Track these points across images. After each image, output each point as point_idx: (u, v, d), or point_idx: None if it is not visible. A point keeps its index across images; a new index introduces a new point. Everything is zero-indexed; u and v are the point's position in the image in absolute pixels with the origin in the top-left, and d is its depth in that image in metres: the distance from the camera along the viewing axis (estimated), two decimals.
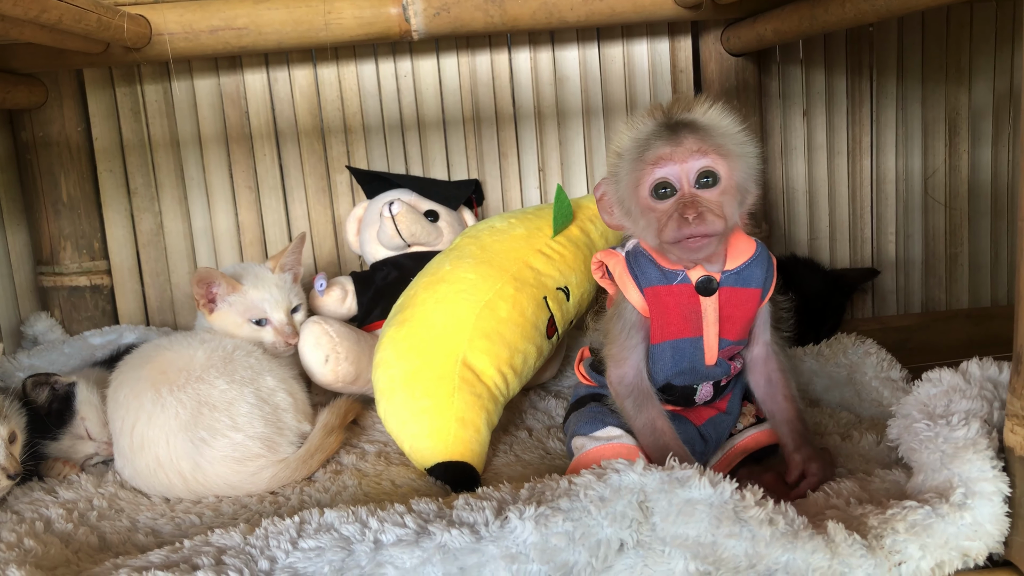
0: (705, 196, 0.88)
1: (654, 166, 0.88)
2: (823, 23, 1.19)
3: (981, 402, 0.81)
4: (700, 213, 0.87)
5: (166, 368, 1.10)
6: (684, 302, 0.94)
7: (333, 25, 1.41)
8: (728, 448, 1.03)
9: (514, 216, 1.32)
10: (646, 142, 0.89)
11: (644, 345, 0.97)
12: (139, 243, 1.61)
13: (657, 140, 0.88)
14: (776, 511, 0.73)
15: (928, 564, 0.71)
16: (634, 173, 0.90)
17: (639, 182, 0.90)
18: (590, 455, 0.98)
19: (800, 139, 1.71)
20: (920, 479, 0.80)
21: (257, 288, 1.26)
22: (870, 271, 1.69)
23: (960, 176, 1.73)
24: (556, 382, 1.43)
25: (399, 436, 1.10)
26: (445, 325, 1.13)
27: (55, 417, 1.14)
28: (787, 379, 1.00)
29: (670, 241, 0.89)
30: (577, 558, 0.72)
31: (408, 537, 0.75)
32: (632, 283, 0.96)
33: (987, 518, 0.72)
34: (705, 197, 0.88)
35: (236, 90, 1.59)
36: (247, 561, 0.76)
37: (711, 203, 0.88)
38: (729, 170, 0.89)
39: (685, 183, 0.88)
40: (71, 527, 0.95)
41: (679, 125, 0.89)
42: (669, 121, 0.89)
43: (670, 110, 0.91)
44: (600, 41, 1.64)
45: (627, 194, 0.92)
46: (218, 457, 1.05)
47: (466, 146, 1.65)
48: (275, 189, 1.63)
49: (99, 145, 1.58)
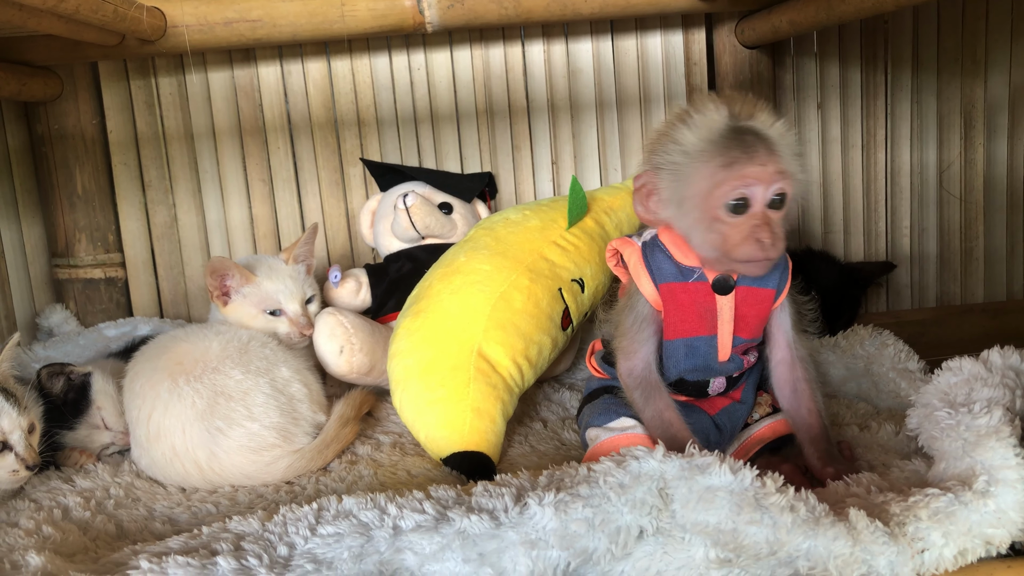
0: (773, 216, 0.87)
1: (737, 181, 0.85)
2: (840, 13, 1.18)
3: (1003, 390, 0.81)
4: (775, 237, 0.86)
5: (182, 358, 1.10)
6: (700, 300, 0.94)
7: (347, 17, 1.41)
8: (745, 438, 1.03)
9: (528, 208, 1.31)
10: (726, 151, 0.85)
11: (655, 339, 0.97)
12: (153, 236, 1.62)
13: (740, 153, 0.85)
14: (797, 498, 0.73)
15: (951, 552, 0.70)
16: (708, 180, 0.86)
17: (713, 191, 0.86)
18: (604, 445, 0.98)
19: (814, 132, 1.70)
20: (942, 467, 0.79)
21: (271, 279, 1.26)
22: (886, 265, 1.68)
23: (975, 169, 1.72)
24: (570, 374, 1.42)
25: (414, 426, 1.10)
26: (460, 316, 1.13)
27: (71, 407, 1.14)
28: (813, 391, 0.98)
29: (742, 260, 0.88)
30: (597, 544, 0.72)
31: (427, 523, 0.75)
32: (647, 276, 0.95)
33: (1010, 506, 0.71)
34: (773, 218, 0.87)
35: (250, 83, 1.60)
36: (266, 547, 0.76)
37: (778, 224, 0.87)
38: (792, 191, 0.88)
39: (760, 202, 0.87)
40: (88, 515, 0.95)
41: (758, 138, 0.86)
42: (741, 127, 0.86)
43: (737, 112, 0.87)
44: (614, 34, 1.64)
45: (691, 197, 0.88)
46: (234, 447, 1.05)
47: (479, 139, 1.65)
48: (289, 182, 1.63)
49: (114, 138, 1.59)
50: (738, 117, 0.87)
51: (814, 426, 0.96)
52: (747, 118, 0.87)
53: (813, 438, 0.96)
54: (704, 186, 0.87)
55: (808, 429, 0.96)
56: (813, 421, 0.96)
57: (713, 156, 0.86)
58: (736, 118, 0.87)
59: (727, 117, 0.87)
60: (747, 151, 0.85)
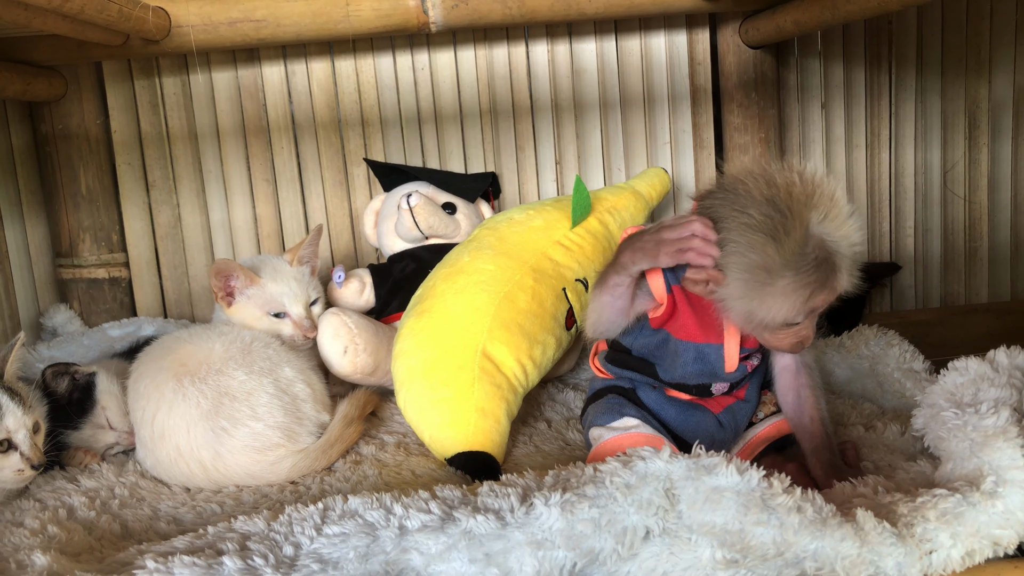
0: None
1: (806, 309, 0.84)
2: (845, 13, 1.18)
3: (1010, 390, 0.81)
4: (813, 334, 0.88)
5: (186, 359, 1.10)
6: (708, 306, 0.94)
7: (352, 17, 1.41)
8: (749, 437, 1.03)
9: (532, 208, 1.31)
10: (805, 284, 0.82)
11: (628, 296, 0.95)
12: (157, 236, 1.62)
13: (818, 286, 0.82)
14: (804, 499, 0.73)
15: (959, 553, 0.70)
16: (779, 306, 0.83)
17: (785, 314, 0.84)
18: (608, 445, 0.98)
19: (818, 132, 1.70)
20: (949, 468, 0.79)
21: (276, 281, 1.26)
22: (891, 266, 1.68)
23: (980, 169, 1.72)
24: (574, 374, 1.42)
25: (419, 426, 1.10)
26: (464, 316, 1.13)
27: (76, 407, 1.14)
28: (817, 399, 0.97)
29: (780, 349, 0.93)
30: (603, 545, 0.72)
31: (433, 523, 0.75)
32: (660, 274, 0.94)
33: (1018, 506, 0.71)
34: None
35: (254, 83, 1.60)
36: (272, 547, 0.76)
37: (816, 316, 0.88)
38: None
39: (814, 315, 0.87)
40: (93, 515, 0.95)
41: (835, 266, 0.83)
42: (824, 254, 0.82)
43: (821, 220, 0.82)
44: (618, 34, 1.64)
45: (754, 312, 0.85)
46: (238, 446, 1.05)
47: (483, 139, 1.65)
48: (292, 182, 1.63)
49: (118, 138, 1.59)
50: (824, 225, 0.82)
51: (816, 435, 0.95)
52: (833, 226, 0.83)
53: (815, 448, 0.95)
54: (773, 309, 0.84)
55: (811, 439, 0.96)
56: (815, 430, 0.96)
57: (792, 288, 0.82)
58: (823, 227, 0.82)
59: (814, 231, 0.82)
60: (824, 283, 0.83)
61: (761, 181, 0.84)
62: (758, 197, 0.83)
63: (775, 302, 0.83)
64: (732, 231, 0.84)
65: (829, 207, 0.82)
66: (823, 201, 0.82)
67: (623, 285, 0.92)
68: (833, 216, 0.82)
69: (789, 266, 0.81)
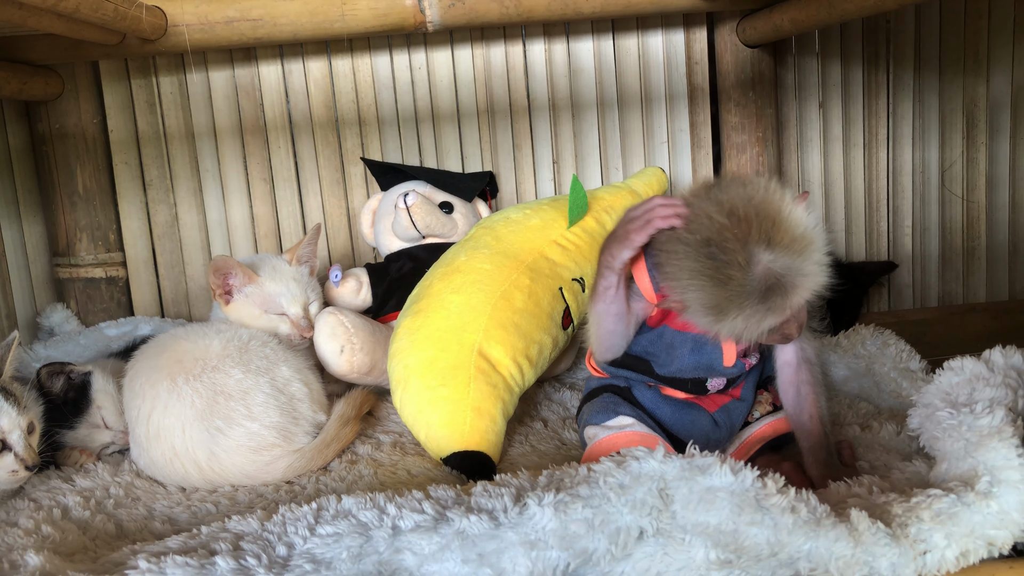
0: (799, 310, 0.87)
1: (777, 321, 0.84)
2: (842, 12, 1.18)
3: (1005, 390, 0.81)
4: (800, 326, 0.88)
5: (182, 357, 1.10)
6: None
7: (348, 16, 1.40)
8: (746, 436, 1.03)
9: (529, 207, 1.31)
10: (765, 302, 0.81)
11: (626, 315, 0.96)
12: (154, 235, 1.62)
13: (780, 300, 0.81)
14: (798, 499, 0.73)
15: (953, 553, 0.70)
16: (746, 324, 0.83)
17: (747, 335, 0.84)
18: (602, 444, 0.98)
19: (816, 131, 1.69)
20: (943, 468, 0.79)
21: (275, 281, 1.26)
22: (887, 264, 1.68)
23: (978, 168, 1.72)
24: (571, 374, 1.42)
25: (415, 425, 1.10)
26: (461, 315, 1.13)
27: (71, 406, 1.14)
28: (817, 396, 0.97)
29: (772, 343, 0.94)
30: (596, 545, 0.71)
31: (426, 523, 0.75)
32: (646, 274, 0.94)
33: (1013, 506, 0.71)
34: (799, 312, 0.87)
35: (251, 82, 1.60)
36: (265, 547, 0.76)
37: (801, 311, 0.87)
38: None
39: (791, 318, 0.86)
40: (88, 515, 0.95)
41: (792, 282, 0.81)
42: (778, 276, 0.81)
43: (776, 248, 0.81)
44: (615, 33, 1.63)
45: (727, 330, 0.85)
46: (234, 446, 1.05)
47: (480, 138, 1.64)
48: (289, 181, 1.63)
49: (115, 137, 1.59)
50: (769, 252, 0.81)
51: (814, 433, 0.95)
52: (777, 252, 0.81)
53: (812, 447, 0.95)
54: (735, 331, 0.84)
55: (808, 436, 0.95)
56: (814, 428, 0.95)
57: (743, 319, 0.82)
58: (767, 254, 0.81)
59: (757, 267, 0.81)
60: (775, 308, 0.82)
61: (699, 220, 0.83)
62: (695, 243, 0.83)
63: (735, 326, 0.83)
64: (682, 271, 0.84)
65: (771, 233, 0.81)
66: (763, 230, 0.81)
67: (613, 286, 0.92)
68: (777, 241, 0.81)
69: (735, 303, 0.81)
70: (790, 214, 0.82)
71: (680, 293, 0.85)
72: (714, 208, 0.83)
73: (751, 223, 0.81)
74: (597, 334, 0.97)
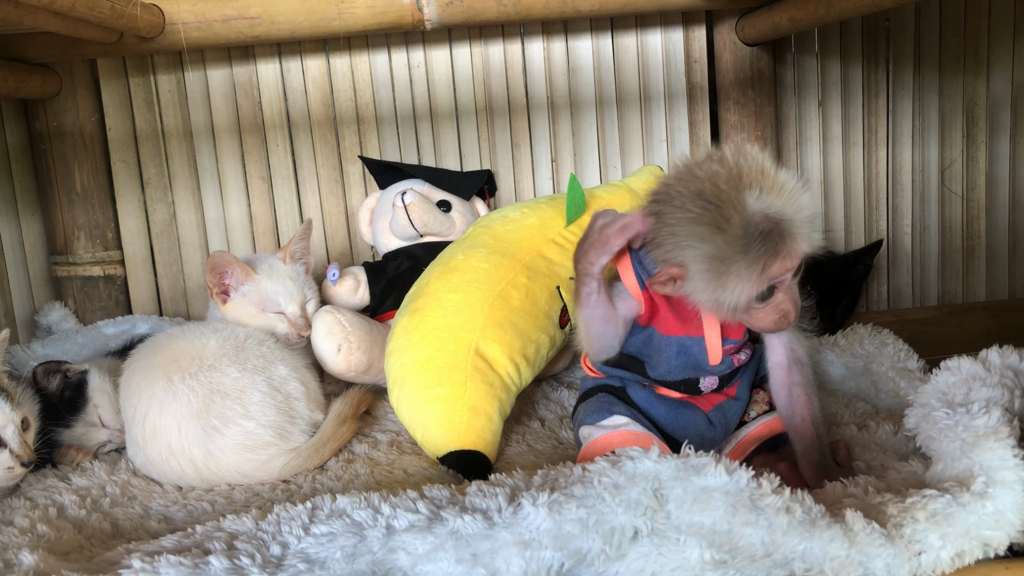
0: (793, 283, 0.87)
1: (769, 279, 0.84)
2: (840, 10, 1.18)
3: (1002, 390, 0.80)
4: (796, 306, 0.87)
5: (178, 356, 1.10)
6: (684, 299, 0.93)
7: (346, 14, 1.40)
8: (741, 436, 1.02)
9: (527, 206, 1.31)
10: (758, 257, 0.81)
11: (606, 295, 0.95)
12: (152, 233, 1.62)
13: (770, 256, 0.82)
14: (793, 499, 0.72)
15: (948, 554, 0.70)
16: (741, 285, 0.83)
17: (748, 292, 0.84)
18: (597, 443, 0.97)
19: (815, 130, 1.69)
20: (939, 468, 0.78)
21: (271, 280, 1.26)
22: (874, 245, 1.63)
23: (978, 167, 1.71)
24: (568, 373, 1.42)
25: (411, 424, 1.10)
26: (458, 314, 1.13)
27: (68, 404, 1.14)
28: (809, 398, 0.96)
29: (766, 330, 0.91)
30: (591, 545, 0.71)
31: (420, 523, 0.74)
32: (632, 272, 0.94)
33: (1009, 507, 0.70)
34: (793, 285, 0.87)
35: (249, 80, 1.59)
36: (259, 546, 0.76)
37: (795, 287, 0.87)
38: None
39: (785, 284, 0.86)
40: (84, 513, 0.95)
41: (785, 231, 0.82)
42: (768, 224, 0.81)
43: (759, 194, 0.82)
44: (614, 31, 1.63)
45: (722, 297, 0.85)
46: (230, 445, 1.05)
47: (478, 136, 1.64)
48: (288, 179, 1.62)
49: (113, 135, 1.59)
50: (761, 199, 0.82)
51: (807, 436, 0.94)
52: (771, 198, 0.82)
53: (806, 449, 0.94)
54: (736, 291, 0.84)
55: (801, 439, 0.95)
56: (806, 431, 0.95)
57: (747, 264, 0.82)
58: (760, 201, 0.82)
59: (752, 210, 0.82)
60: (777, 251, 0.82)
61: (687, 178, 0.85)
62: (688, 194, 0.84)
63: (736, 284, 0.83)
64: (680, 226, 0.85)
65: (761, 181, 0.82)
66: (753, 177, 0.83)
67: (594, 291, 0.92)
68: (769, 187, 0.82)
69: (737, 248, 0.82)
70: (778, 169, 0.85)
71: (679, 254, 0.85)
72: (703, 169, 0.85)
73: (742, 171, 0.83)
74: (587, 338, 0.97)
